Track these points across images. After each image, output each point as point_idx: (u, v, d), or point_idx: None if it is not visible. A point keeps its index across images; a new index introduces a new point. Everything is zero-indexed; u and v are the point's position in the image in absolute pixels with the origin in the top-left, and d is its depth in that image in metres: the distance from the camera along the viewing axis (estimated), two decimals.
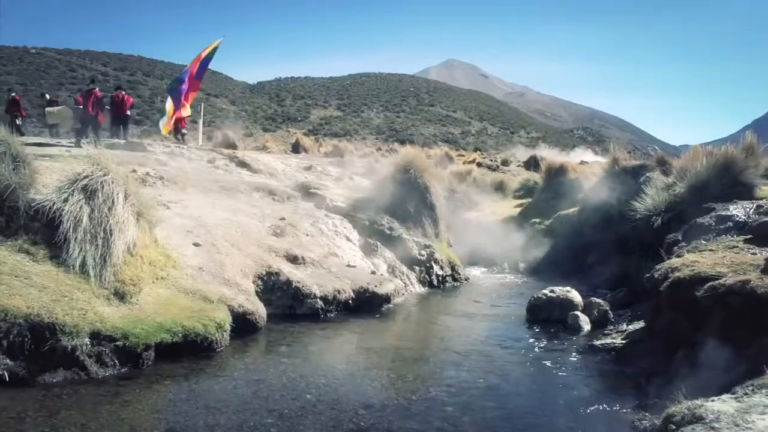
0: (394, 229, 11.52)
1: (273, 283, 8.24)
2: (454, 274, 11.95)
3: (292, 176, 15.47)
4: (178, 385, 5.58)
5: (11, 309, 5.16)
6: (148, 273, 6.88)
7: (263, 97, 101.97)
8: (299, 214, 10.93)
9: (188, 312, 6.52)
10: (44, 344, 5.29)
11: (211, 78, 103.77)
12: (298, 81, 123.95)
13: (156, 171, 12.07)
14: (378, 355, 7.13)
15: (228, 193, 11.48)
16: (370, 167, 19.95)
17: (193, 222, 9.01)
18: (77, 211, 6.37)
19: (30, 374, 5.22)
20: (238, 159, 16.35)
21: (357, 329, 8.20)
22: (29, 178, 6.64)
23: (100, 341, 5.63)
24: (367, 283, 9.06)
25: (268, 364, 6.38)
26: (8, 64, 72.56)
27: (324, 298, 8.44)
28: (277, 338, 7.31)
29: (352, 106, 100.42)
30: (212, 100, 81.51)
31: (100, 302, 6.04)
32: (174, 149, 16.98)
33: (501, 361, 6.80)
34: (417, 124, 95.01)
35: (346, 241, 10.56)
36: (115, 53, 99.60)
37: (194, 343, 6.23)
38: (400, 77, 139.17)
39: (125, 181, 7.04)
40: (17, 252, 6.08)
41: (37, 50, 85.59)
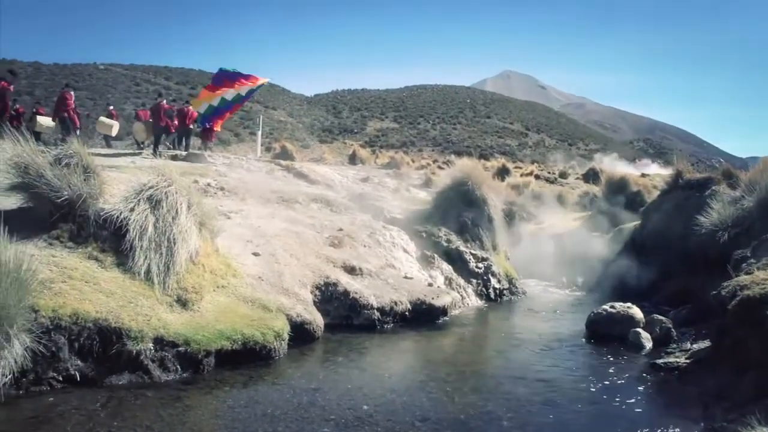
0: (451, 242, 11.50)
1: (331, 293, 8.31)
2: (512, 287, 11.84)
3: (349, 187, 15.61)
4: (238, 392, 5.68)
5: (82, 313, 5.37)
6: (209, 281, 7.04)
7: (320, 109, 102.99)
8: (357, 225, 11.02)
9: (247, 320, 6.64)
10: (111, 348, 5.48)
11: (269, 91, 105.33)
12: (355, 93, 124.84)
13: (217, 182, 12.35)
14: (434, 368, 7.11)
15: (286, 203, 11.66)
16: (427, 179, 20.00)
17: (253, 232, 9.18)
18: (143, 220, 6.58)
19: (98, 376, 5.42)
20: (296, 170, 16.60)
21: (413, 341, 8.19)
22: (98, 189, 6.90)
23: (163, 346, 5.79)
24: (424, 295, 9.05)
25: (325, 373, 6.44)
26: (79, 80, 75.23)
27: (381, 309, 8.47)
28: (334, 348, 7.36)
29: (408, 118, 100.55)
30: (270, 112, 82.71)
31: (164, 309, 6.22)
32: (233, 160, 17.37)
33: (559, 377, 6.68)
34: (473, 135, 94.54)
35: (404, 252, 10.58)
36: (177, 67, 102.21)
37: (253, 350, 6.34)
38: (457, 89, 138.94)
39: (188, 192, 7.25)
40: (87, 259, 6.32)
41: (105, 66, 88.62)
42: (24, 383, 5.03)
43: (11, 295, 4.67)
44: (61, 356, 5.25)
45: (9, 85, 17.82)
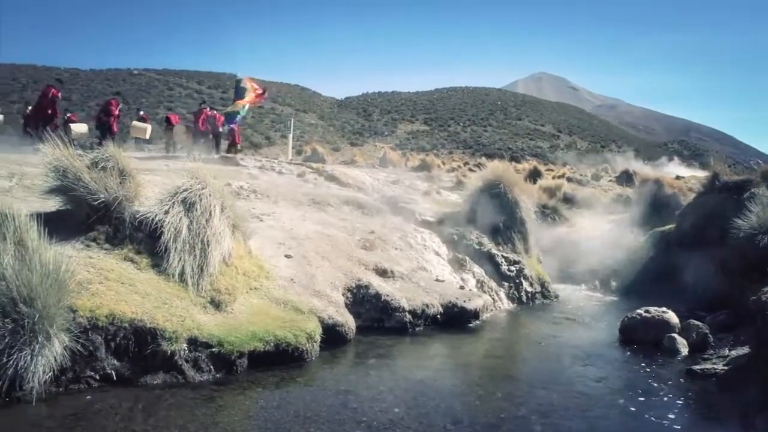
0: (483, 244, 11.46)
1: (362, 295, 8.34)
2: (544, 291, 11.75)
3: (379, 190, 15.63)
4: (270, 393, 5.73)
5: (118, 313, 5.47)
6: (242, 283, 7.12)
7: (351, 112, 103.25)
8: (388, 227, 11.03)
9: (280, 322, 6.68)
10: (146, 348, 5.57)
11: (300, 94, 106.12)
12: (385, 96, 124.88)
13: (249, 184, 12.48)
14: (466, 371, 7.10)
15: (318, 206, 11.72)
16: (458, 182, 19.95)
17: (285, 234, 9.25)
18: (177, 222, 6.68)
19: (134, 375, 5.50)
20: (327, 173, 16.67)
21: (445, 344, 8.18)
22: (134, 191, 7.02)
23: (197, 347, 5.86)
24: (455, 298, 9.03)
25: (357, 375, 6.46)
26: (114, 85, 76.52)
27: (412, 311, 8.47)
28: (366, 350, 7.37)
29: (438, 121, 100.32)
30: (301, 115, 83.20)
31: (197, 310, 6.30)
32: (265, 163, 17.50)
33: (592, 383, 6.62)
34: (504, 138, 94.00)
35: (435, 255, 10.58)
36: (208, 72, 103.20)
37: (285, 352, 6.38)
38: (487, 91, 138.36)
39: (221, 194, 7.34)
40: (123, 260, 6.44)
41: (139, 71, 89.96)
42: (63, 381, 5.15)
43: (51, 296, 4.77)
44: (98, 355, 5.35)
45: (58, 92, 18.38)
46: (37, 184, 8.05)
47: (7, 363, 4.47)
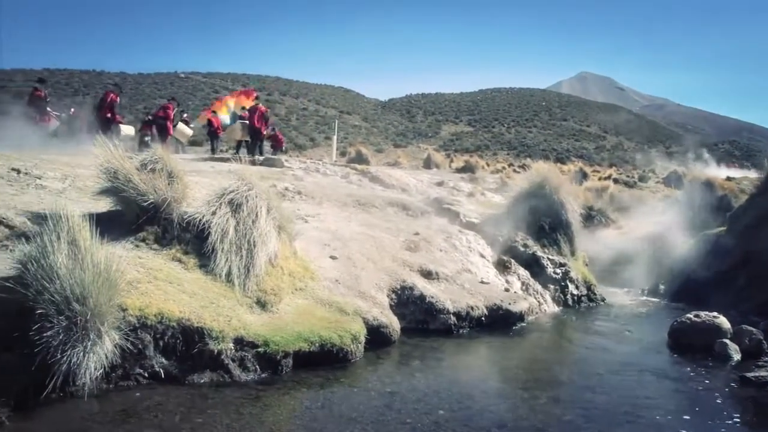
0: (528, 246, 11.35)
1: (407, 297, 8.32)
2: (590, 294, 11.58)
3: (424, 191, 15.61)
4: (315, 393, 5.75)
5: (166, 312, 5.56)
6: (287, 284, 7.17)
7: (394, 113, 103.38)
8: (433, 229, 11.00)
9: (325, 322, 6.71)
10: (194, 347, 5.64)
11: (344, 96, 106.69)
12: (429, 97, 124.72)
13: (294, 186, 12.57)
14: (511, 374, 7.03)
15: (363, 207, 11.75)
16: (502, 183, 19.82)
17: (330, 235, 9.29)
18: (224, 223, 6.78)
19: (181, 374, 5.58)
20: (371, 174, 16.71)
21: (490, 346, 8.12)
22: (182, 193, 7.14)
23: (243, 347, 5.92)
24: (500, 300, 8.95)
25: (401, 377, 6.44)
26: (161, 88, 78.09)
27: (457, 314, 8.42)
28: (410, 352, 7.35)
29: (482, 122, 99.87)
30: (345, 117, 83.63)
31: (244, 310, 6.37)
32: (309, 165, 17.63)
33: (640, 388, 6.48)
34: (549, 139, 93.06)
35: (480, 257, 10.50)
36: (254, 74, 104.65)
37: (330, 353, 6.40)
38: (532, 91, 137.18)
39: (267, 196, 7.41)
40: (171, 260, 6.56)
41: (186, 75, 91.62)
42: (113, 378, 5.25)
43: (103, 294, 4.87)
44: (146, 353, 5.45)
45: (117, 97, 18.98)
46: (89, 185, 8.26)
47: (61, 359, 4.57)
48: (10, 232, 6.31)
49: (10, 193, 7.83)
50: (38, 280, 4.73)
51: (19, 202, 7.29)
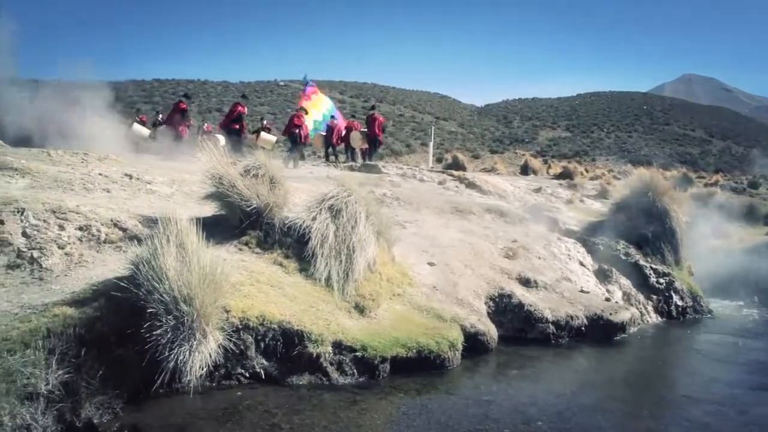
0: (630, 255, 10.97)
1: (505, 305, 8.19)
2: (696, 305, 11.06)
3: (521, 198, 15.39)
4: (411, 399, 5.73)
5: (268, 315, 5.68)
6: (385, 289, 7.20)
7: (491, 119, 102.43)
8: (531, 236, 10.80)
9: (422, 329, 6.69)
10: (293, 349, 5.74)
11: (440, 102, 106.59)
12: (526, 102, 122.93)
13: (392, 192, 12.64)
14: (611, 387, 6.78)
15: (460, 214, 11.68)
16: (602, 189, 19.27)
17: (428, 242, 9.28)
18: (324, 228, 6.88)
19: (280, 375, 5.70)
20: (468, 180, 16.59)
21: (589, 358, 7.86)
22: (283, 198, 7.31)
23: (341, 351, 5.98)
24: (601, 310, 8.67)
25: (498, 386, 6.33)
26: (261, 96, 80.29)
27: (556, 323, 8.22)
28: (508, 361, 7.22)
29: (581, 127, 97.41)
30: (441, 123, 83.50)
31: (342, 314, 6.44)
32: (406, 171, 17.68)
33: (753, 406, 6.10)
34: (651, 144, 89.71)
35: (580, 265, 10.23)
36: (350, 81, 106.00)
37: (427, 359, 6.37)
38: (632, 95, 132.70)
39: (366, 202, 7.48)
40: (272, 264, 6.72)
41: (285, 83, 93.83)
42: (216, 377, 5.43)
43: (208, 296, 5.03)
44: (248, 354, 5.60)
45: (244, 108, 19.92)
46: (195, 190, 8.59)
47: (168, 356, 4.74)
48: (123, 235, 6.64)
49: (123, 197, 8.23)
50: (149, 281, 4.93)
51: (131, 206, 7.65)
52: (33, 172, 8.30)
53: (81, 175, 8.78)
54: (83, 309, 4.98)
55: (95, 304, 5.09)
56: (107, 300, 5.11)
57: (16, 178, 7.97)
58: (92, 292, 5.30)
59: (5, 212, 6.15)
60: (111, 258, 6.23)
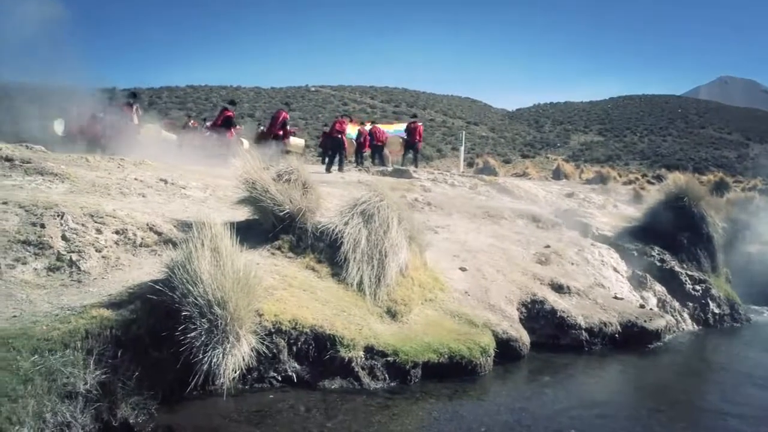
0: (665, 261, 10.83)
1: (537, 311, 8.13)
2: (734, 313, 10.87)
3: (553, 203, 15.28)
4: (443, 404, 5.72)
5: (300, 319, 5.73)
6: (417, 294, 7.19)
7: (522, 123, 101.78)
8: (564, 242, 10.72)
9: (454, 334, 6.67)
10: (325, 353, 5.77)
11: (471, 106, 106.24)
12: (557, 106, 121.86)
13: (423, 197, 12.64)
14: (646, 395, 6.69)
15: (492, 219, 11.63)
16: (636, 194, 19.06)
17: (459, 247, 9.26)
18: (356, 233, 6.92)
19: (312, 379, 5.72)
20: (499, 185, 16.55)
21: (623, 365, 7.76)
22: (315, 203, 7.36)
23: (373, 355, 5.99)
24: (635, 317, 8.56)
25: (530, 393, 6.29)
26: (293, 101, 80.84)
27: (589, 329, 8.14)
28: (540, 367, 7.16)
29: (614, 131, 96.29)
30: (472, 127, 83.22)
31: (374, 319, 6.46)
32: (437, 176, 17.66)
33: None
34: (685, 148, 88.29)
35: (613, 271, 10.13)
36: (381, 86, 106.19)
37: (459, 365, 6.34)
38: (666, 98, 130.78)
39: (398, 207, 7.49)
40: (305, 268, 6.77)
41: (316, 88, 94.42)
42: (249, 379, 5.48)
43: (241, 299, 5.07)
44: (280, 358, 5.64)
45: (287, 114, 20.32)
46: (228, 195, 8.67)
47: (202, 359, 4.79)
48: (158, 238, 6.73)
49: (158, 202, 8.35)
50: (184, 284, 4.99)
51: (166, 210, 7.76)
52: (72, 177, 8.46)
53: (117, 180, 8.93)
54: (120, 311, 5.07)
55: (131, 306, 5.17)
56: (143, 302, 5.18)
57: (56, 183, 8.14)
58: (128, 294, 5.38)
59: (46, 216, 6.27)
60: (146, 261, 6.32)
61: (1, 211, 6.20)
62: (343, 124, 20.01)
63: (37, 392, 4.12)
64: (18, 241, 5.85)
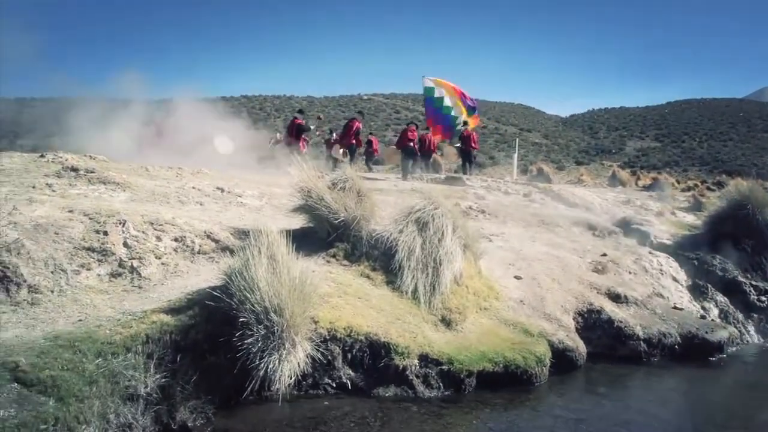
0: (727, 271, 10.50)
1: (594, 320, 7.97)
2: None
3: (609, 210, 14.99)
4: (498, 414, 5.66)
5: (355, 327, 5.75)
6: (472, 303, 7.15)
7: (576, 129, 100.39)
8: (621, 250, 10.50)
9: (509, 343, 6.60)
10: (380, 361, 5.78)
11: (524, 113, 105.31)
12: (612, 112, 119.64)
13: (477, 205, 12.57)
14: (709, 411, 6.47)
15: (547, 227, 11.50)
16: (695, 202, 18.60)
17: (514, 255, 9.16)
18: (411, 241, 6.92)
19: (367, 386, 5.74)
20: (553, 192, 16.32)
21: (684, 378, 7.53)
22: (370, 211, 7.39)
23: (427, 364, 5.97)
24: (696, 328, 8.32)
25: (588, 404, 6.18)
26: (346, 109, 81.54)
27: (647, 340, 7.94)
28: (597, 378, 7.01)
29: (671, 136, 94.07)
30: (525, 134, 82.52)
31: (429, 327, 6.44)
32: (490, 183, 17.55)
33: None
34: (748, 153, 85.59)
35: (672, 281, 9.87)
36: None
37: (514, 374, 6.27)
38: (728, 102, 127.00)
39: (453, 215, 7.47)
40: (359, 276, 6.80)
41: (368, 96, 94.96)
42: (304, 386, 5.53)
43: (297, 306, 5.12)
44: (335, 365, 5.68)
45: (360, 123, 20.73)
46: (284, 203, 8.79)
47: (259, 365, 4.85)
48: (215, 246, 6.86)
49: (215, 210, 8.51)
50: (241, 291, 5.07)
51: (222, 218, 7.91)
52: (133, 186, 8.70)
53: (176, 189, 9.14)
54: (179, 317, 5.18)
55: (190, 312, 5.28)
56: (201, 308, 5.29)
57: (118, 192, 8.37)
58: (187, 300, 5.50)
59: (109, 224, 6.46)
60: (204, 268, 6.45)
61: (68, 219, 6.41)
62: (413, 132, 20.20)
63: (102, 393, 4.26)
64: (83, 248, 6.04)
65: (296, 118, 19.31)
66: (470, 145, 21.17)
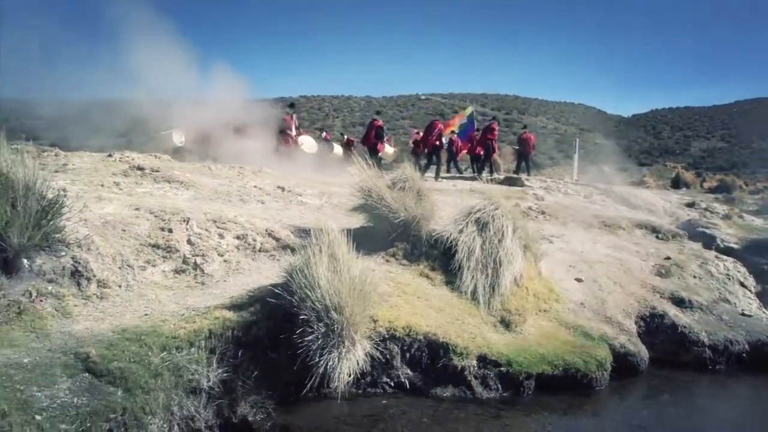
0: None
1: (656, 325, 7.78)
2: None
3: (673, 213, 14.66)
4: (557, 418, 5.60)
5: (414, 326, 5.76)
6: (532, 304, 7.08)
7: (638, 130, 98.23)
8: (685, 254, 10.22)
9: (569, 346, 6.51)
10: (438, 361, 5.78)
11: (584, 112, 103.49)
12: (676, 112, 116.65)
13: (537, 205, 12.43)
14: None
15: (608, 229, 11.28)
16: (764, 204, 18.02)
17: (575, 257, 9.02)
18: (470, 242, 6.90)
19: (425, 386, 5.75)
20: (615, 194, 16.05)
21: (751, 387, 7.27)
22: (430, 211, 7.39)
23: (485, 365, 5.94)
24: (765, 336, 8.02)
25: (649, 411, 6.04)
26: (404, 110, 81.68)
27: (713, 347, 7.70)
28: (659, 384, 6.83)
29: (739, 137, 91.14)
30: (586, 134, 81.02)
31: (488, 328, 6.40)
32: (549, 184, 17.34)
33: None
34: None
35: (740, 286, 9.55)
36: (492, 94, 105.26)
37: (573, 378, 6.18)
38: None
39: (513, 215, 7.41)
40: (419, 276, 6.81)
41: (426, 96, 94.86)
42: (362, 384, 5.57)
43: (357, 305, 5.16)
44: (393, 364, 5.70)
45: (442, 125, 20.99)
46: (343, 202, 8.86)
47: (318, 362, 4.90)
48: (276, 244, 6.97)
49: (276, 209, 8.64)
50: (302, 289, 5.13)
51: (283, 217, 8.03)
52: (196, 184, 8.91)
53: (238, 188, 9.31)
54: (240, 313, 5.28)
55: (251, 309, 5.37)
56: (262, 305, 5.38)
57: (181, 191, 8.59)
58: (248, 297, 5.60)
59: (173, 221, 6.63)
60: (265, 266, 6.56)
61: (134, 217, 6.60)
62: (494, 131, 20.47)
63: (166, 386, 4.37)
64: (148, 245, 6.22)
65: (375, 119, 19.07)
66: (528, 148, 21.10)
